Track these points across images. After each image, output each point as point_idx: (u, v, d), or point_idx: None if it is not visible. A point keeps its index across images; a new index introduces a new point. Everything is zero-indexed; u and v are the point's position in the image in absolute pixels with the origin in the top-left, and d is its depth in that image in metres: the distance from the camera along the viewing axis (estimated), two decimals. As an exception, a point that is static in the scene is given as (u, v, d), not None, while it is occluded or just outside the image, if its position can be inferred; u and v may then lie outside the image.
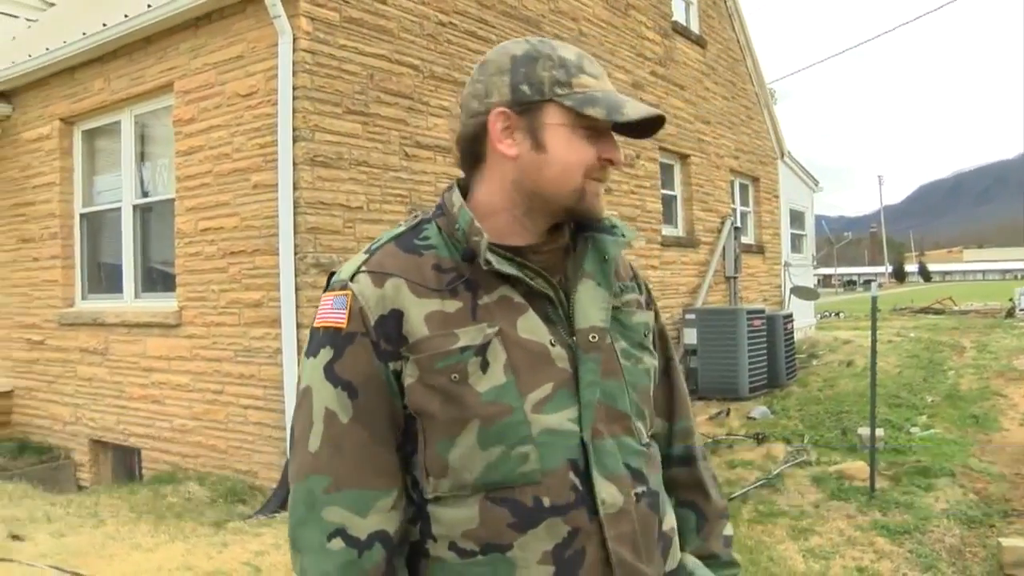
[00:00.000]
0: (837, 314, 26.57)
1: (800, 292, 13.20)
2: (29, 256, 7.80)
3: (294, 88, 5.43)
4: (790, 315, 10.90)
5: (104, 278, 7.52)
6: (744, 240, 12.67)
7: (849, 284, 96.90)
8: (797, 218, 16.51)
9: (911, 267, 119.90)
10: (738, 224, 12.36)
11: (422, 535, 1.20)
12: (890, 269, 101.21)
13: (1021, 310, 27.47)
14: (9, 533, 4.73)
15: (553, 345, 1.20)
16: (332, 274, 1.28)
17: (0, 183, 8.15)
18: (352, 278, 1.22)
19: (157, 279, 6.95)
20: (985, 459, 7.02)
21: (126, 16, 6.34)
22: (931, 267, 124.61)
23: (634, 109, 1.20)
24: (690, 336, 9.73)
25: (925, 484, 6.07)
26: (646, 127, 1.25)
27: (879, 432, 6.56)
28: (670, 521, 1.31)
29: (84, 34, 6.73)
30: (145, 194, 7.02)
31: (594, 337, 1.23)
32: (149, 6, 6.13)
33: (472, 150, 1.28)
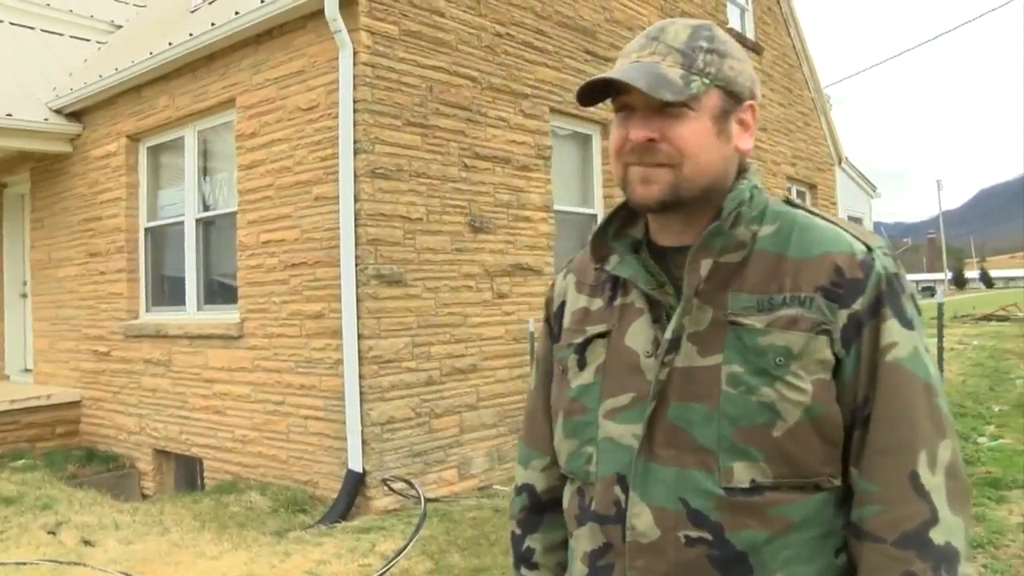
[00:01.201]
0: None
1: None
2: (96, 270, 8.01)
3: (355, 101, 5.48)
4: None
5: (167, 291, 7.68)
6: (802, 248, 12.43)
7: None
8: (855, 225, 16.17)
9: (971, 273, 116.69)
10: (795, 232, 12.14)
11: None
12: (950, 276, 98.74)
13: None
14: (82, 538, 4.85)
15: (648, 356, 1.16)
16: None
17: (70, 199, 8.40)
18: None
19: (219, 291, 7.07)
20: (1061, 473, 6.76)
21: (191, 35, 6.50)
22: (993, 273, 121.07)
23: (594, 78, 1.15)
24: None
25: (996, 496, 5.85)
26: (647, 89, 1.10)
27: (948, 445, 6.35)
28: None
29: (151, 53, 6.92)
30: (207, 208, 7.16)
31: (659, 353, 1.14)
32: (213, 24, 6.27)
33: None
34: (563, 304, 1.34)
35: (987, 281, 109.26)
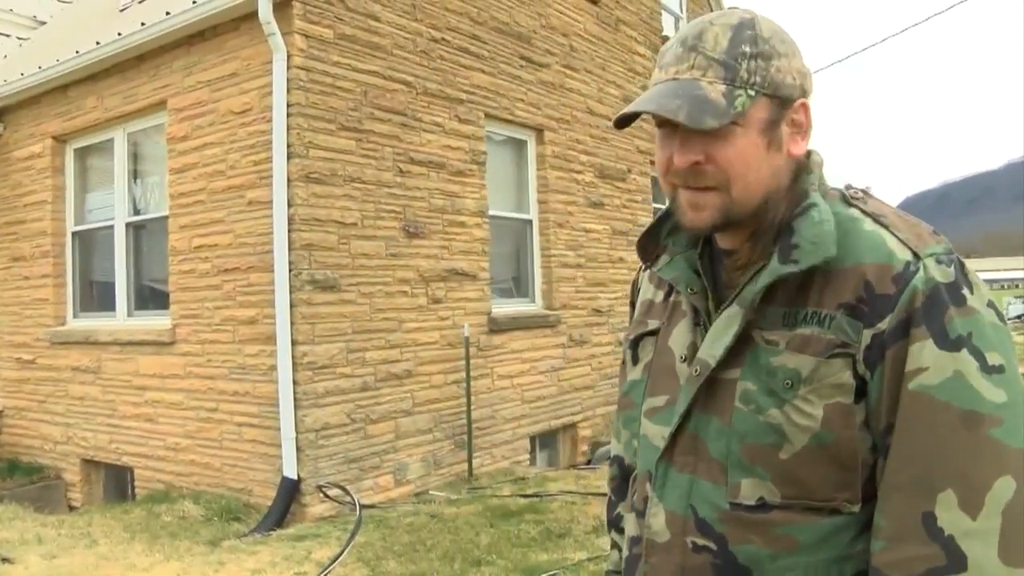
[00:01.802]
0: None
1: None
2: (20, 275, 7.77)
3: (288, 105, 5.44)
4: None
5: (96, 296, 7.49)
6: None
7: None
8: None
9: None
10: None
11: None
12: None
13: (1010, 319, 27.67)
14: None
15: (682, 360, 1.15)
16: None
17: (-9, 201, 8.13)
18: None
19: (150, 297, 6.93)
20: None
21: (120, 34, 6.36)
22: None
23: (632, 106, 1.08)
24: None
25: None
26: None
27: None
28: None
29: (77, 52, 6.74)
30: (138, 212, 7.01)
31: (696, 370, 1.11)
32: (143, 24, 6.15)
33: None
34: (639, 291, 1.37)
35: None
